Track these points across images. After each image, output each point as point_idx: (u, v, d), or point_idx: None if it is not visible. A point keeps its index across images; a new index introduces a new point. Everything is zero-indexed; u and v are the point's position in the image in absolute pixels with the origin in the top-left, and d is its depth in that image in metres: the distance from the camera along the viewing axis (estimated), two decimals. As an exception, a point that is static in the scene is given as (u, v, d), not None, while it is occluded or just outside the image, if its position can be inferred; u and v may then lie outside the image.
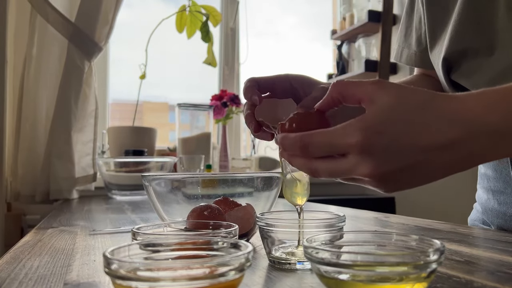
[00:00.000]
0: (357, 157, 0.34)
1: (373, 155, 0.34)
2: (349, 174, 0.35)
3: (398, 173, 0.35)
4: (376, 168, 0.34)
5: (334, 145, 0.35)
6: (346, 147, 0.34)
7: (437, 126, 0.34)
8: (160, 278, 0.25)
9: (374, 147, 0.33)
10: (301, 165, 0.38)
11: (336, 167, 0.36)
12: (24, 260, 0.42)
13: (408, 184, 0.36)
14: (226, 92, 1.58)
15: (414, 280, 0.27)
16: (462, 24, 0.58)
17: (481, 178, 0.69)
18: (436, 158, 0.34)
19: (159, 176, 0.53)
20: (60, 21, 1.20)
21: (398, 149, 0.34)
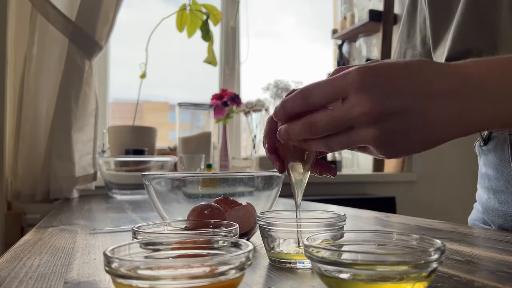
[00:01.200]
0: (355, 96, 0.34)
1: (371, 93, 0.34)
2: (347, 118, 0.35)
3: (395, 117, 0.34)
4: (373, 106, 0.34)
5: (335, 86, 0.36)
6: (346, 88, 0.35)
7: (435, 76, 0.35)
8: (160, 277, 0.25)
9: (372, 86, 0.34)
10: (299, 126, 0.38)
11: (334, 113, 0.36)
12: (24, 259, 0.42)
13: (407, 137, 0.36)
14: (226, 92, 1.58)
15: (415, 280, 0.27)
16: (465, 24, 0.57)
17: (481, 177, 0.69)
18: (434, 106, 0.35)
19: (160, 175, 0.53)
20: (60, 20, 1.20)
21: (395, 91, 0.34)
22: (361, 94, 0.34)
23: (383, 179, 1.79)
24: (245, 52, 1.84)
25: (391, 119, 0.34)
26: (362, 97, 0.34)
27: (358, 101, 0.34)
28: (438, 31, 0.63)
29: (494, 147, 0.63)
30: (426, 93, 0.35)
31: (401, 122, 0.35)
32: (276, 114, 0.40)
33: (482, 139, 0.67)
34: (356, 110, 0.34)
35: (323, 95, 0.37)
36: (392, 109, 0.34)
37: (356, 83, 0.34)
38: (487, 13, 0.56)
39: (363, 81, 0.34)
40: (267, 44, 2.06)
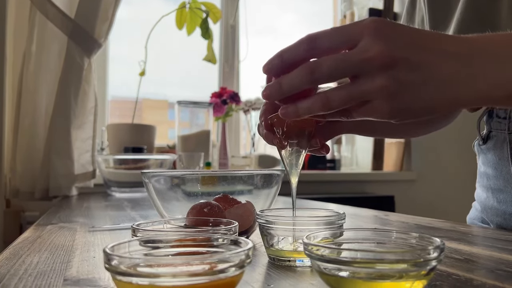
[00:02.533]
0: (368, 40, 0.33)
1: (384, 40, 0.34)
2: (356, 59, 0.34)
3: (405, 67, 0.34)
4: (385, 50, 0.33)
5: (347, 31, 0.34)
6: (359, 33, 0.34)
7: (445, 38, 0.36)
8: (160, 274, 0.25)
9: (386, 35, 0.34)
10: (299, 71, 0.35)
11: (344, 55, 0.34)
12: (23, 256, 0.42)
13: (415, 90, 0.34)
14: (226, 90, 1.58)
15: (414, 278, 0.27)
16: (465, 23, 0.57)
17: (480, 176, 0.69)
18: (441, 64, 0.34)
19: (159, 173, 0.53)
20: (59, 17, 1.20)
21: (408, 42, 0.34)
22: (374, 39, 0.33)
23: (382, 178, 1.80)
24: (244, 50, 1.84)
25: (401, 68, 0.34)
26: (374, 42, 0.33)
27: (370, 45, 0.33)
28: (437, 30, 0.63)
29: (493, 146, 0.63)
30: (437, 49, 0.35)
31: (410, 73, 0.34)
32: (270, 62, 0.37)
33: (481, 138, 0.67)
34: (367, 52, 0.33)
35: (332, 39, 0.35)
36: (403, 58, 0.34)
37: (370, 29, 0.34)
38: (487, 12, 0.56)
39: (377, 28, 0.34)
40: (267, 42, 2.06)
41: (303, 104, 0.37)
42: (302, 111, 0.37)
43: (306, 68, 0.35)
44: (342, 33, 0.35)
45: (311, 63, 0.35)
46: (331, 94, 0.35)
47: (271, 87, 0.37)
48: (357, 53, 0.34)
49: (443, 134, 1.95)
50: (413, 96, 0.35)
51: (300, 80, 0.35)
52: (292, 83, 0.36)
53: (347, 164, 1.95)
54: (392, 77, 0.34)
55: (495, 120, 0.63)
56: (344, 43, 0.35)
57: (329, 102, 0.35)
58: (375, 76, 0.34)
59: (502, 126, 0.61)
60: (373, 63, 0.33)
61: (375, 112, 0.36)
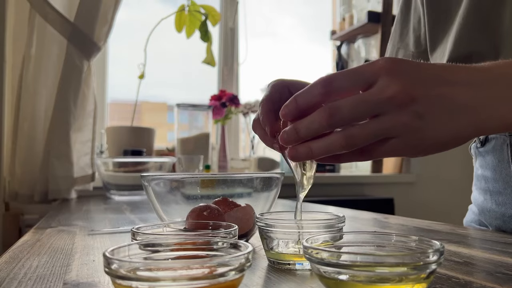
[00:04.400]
0: (386, 79, 0.33)
1: (402, 76, 0.34)
2: (377, 99, 0.33)
3: (425, 102, 0.34)
4: (406, 87, 0.33)
5: (363, 71, 0.34)
6: (375, 72, 0.33)
7: (457, 70, 0.36)
8: (160, 278, 0.25)
9: (403, 71, 0.34)
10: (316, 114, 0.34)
11: (362, 95, 0.34)
12: (23, 260, 0.42)
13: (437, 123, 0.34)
14: (225, 92, 1.58)
15: (414, 281, 0.27)
16: (467, 27, 0.57)
17: (477, 179, 0.69)
18: (462, 94, 0.34)
19: (158, 176, 0.53)
20: (59, 20, 1.20)
21: (425, 77, 0.34)
22: (391, 78, 0.33)
23: (382, 180, 1.80)
24: (243, 53, 1.84)
25: (421, 103, 0.34)
26: (392, 81, 0.33)
27: (388, 84, 0.33)
28: (436, 33, 0.63)
29: (492, 148, 0.63)
30: (453, 80, 0.35)
31: (431, 107, 0.34)
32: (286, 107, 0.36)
33: (479, 141, 0.67)
34: (386, 92, 0.33)
35: (348, 80, 0.34)
36: (422, 93, 0.34)
37: (386, 69, 0.34)
38: (490, 17, 0.56)
39: (392, 68, 0.34)
40: (266, 45, 2.06)
41: (318, 144, 0.35)
42: (317, 152, 0.35)
43: (325, 112, 0.34)
44: (358, 74, 0.35)
45: (329, 107, 0.34)
46: (353, 131, 0.34)
47: (288, 134, 0.36)
48: (376, 93, 0.33)
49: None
50: (437, 129, 0.34)
51: (318, 125, 0.34)
52: (310, 127, 0.35)
53: (347, 167, 1.95)
54: (413, 113, 0.33)
55: None
56: (360, 84, 0.34)
57: (351, 139, 0.34)
58: (396, 113, 0.33)
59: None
60: (393, 102, 0.33)
61: (399, 149, 0.35)
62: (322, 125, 0.34)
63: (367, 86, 0.34)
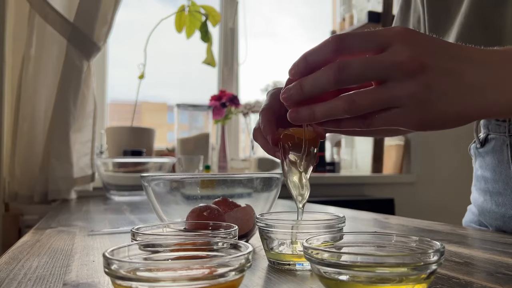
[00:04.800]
0: (399, 46, 0.33)
1: (415, 46, 0.33)
2: (387, 63, 0.33)
3: (435, 74, 0.33)
4: (417, 56, 0.33)
5: (378, 34, 0.33)
6: (390, 38, 0.33)
7: (472, 49, 0.36)
8: (160, 279, 0.25)
9: (417, 41, 0.33)
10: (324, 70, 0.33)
11: (373, 57, 0.33)
12: (23, 260, 0.42)
13: (443, 98, 0.33)
14: (225, 93, 1.58)
15: (414, 281, 0.27)
16: (469, 27, 0.57)
17: (477, 180, 0.69)
18: (470, 71, 0.34)
19: (158, 176, 0.53)
20: (58, 20, 1.20)
21: (438, 51, 0.34)
22: (405, 44, 0.33)
23: (382, 181, 1.80)
24: (243, 53, 1.84)
25: (430, 75, 0.33)
26: (405, 47, 0.33)
27: (402, 50, 0.33)
28: (436, 32, 0.63)
29: (492, 149, 0.63)
30: (464, 57, 0.35)
31: (439, 80, 0.33)
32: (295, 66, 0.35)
33: (478, 141, 0.67)
34: (398, 57, 0.33)
35: (361, 41, 0.34)
36: (433, 65, 0.33)
37: (401, 35, 0.33)
38: (491, 17, 0.56)
39: (408, 35, 0.33)
40: (266, 45, 2.06)
41: (321, 107, 0.35)
42: (320, 115, 0.35)
43: (333, 68, 0.33)
44: (372, 36, 0.34)
45: (338, 63, 0.33)
46: (358, 96, 0.34)
47: (291, 89, 0.35)
48: (388, 56, 0.33)
49: (442, 137, 1.95)
50: (443, 104, 0.34)
51: (325, 80, 0.34)
52: (316, 83, 0.34)
53: (347, 167, 1.95)
54: (422, 83, 0.33)
55: (494, 123, 0.63)
56: (373, 46, 0.34)
57: (355, 104, 0.33)
58: (405, 81, 0.33)
59: (501, 129, 0.61)
60: (404, 68, 0.33)
61: (402, 120, 0.34)
62: (329, 81, 0.33)
63: (380, 50, 0.34)
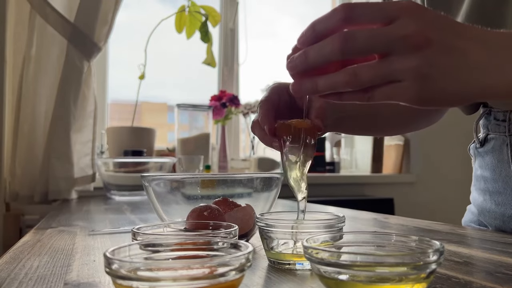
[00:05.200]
0: (406, 19, 0.33)
1: (422, 20, 0.33)
2: (392, 35, 0.33)
3: (440, 50, 0.33)
4: (423, 30, 0.33)
5: (384, 7, 0.33)
6: (397, 10, 0.33)
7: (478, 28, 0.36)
8: (160, 278, 0.25)
9: (425, 16, 0.34)
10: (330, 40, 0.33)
11: (380, 29, 0.33)
12: (24, 260, 0.42)
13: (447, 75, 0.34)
14: (225, 93, 1.59)
15: (414, 281, 0.27)
16: None
17: (476, 180, 0.69)
18: (475, 50, 0.34)
19: (159, 176, 0.53)
20: (59, 21, 1.20)
21: (445, 27, 0.34)
22: (412, 18, 0.33)
23: (382, 181, 1.80)
24: (244, 54, 1.84)
25: (435, 50, 0.33)
26: (412, 21, 0.33)
27: (408, 23, 0.33)
28: None
29: (491, 148, 0.64)
30: (470, 36, 0.35)
31: (443, 56, 0.33)
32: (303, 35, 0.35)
33: (478, 141, 0.67)
34: (404, 30, 0.33)
35: (370, 11, 0.34)
36: (438, 40, 0.33)
37: (408, 9, 0.33)
38: (493, 16, 0.56)
39: (415, 10, 0.34)
40: (266, 45, 2.06)
41: (323, 79, 0.35)
42: (322, 87, 0.35)
43: (339, 38, 0.33)
44: (380, 8, 0.34)
45: (344, 33, 0.33)
46: (360, 69, 0.34)
47: (297, 58, 0.35)
48: (394, 29, 0.33)
49: (442, 137, 1.95)
50: (445, 80, 0.34)
51: (330, 50, 0.34)
52: (321, 53, 0.34)
53: (347, 167, 1.95)
54: (425, 58, 0.33)
55: (493, 123, 0.63)
56: (380, 18, 0.34)
57: (357, 77, 0.34)
58: (408, 55, 0.33)
59: (501, 129, 0.62)
60: (409, 41, 0.33)
61: (402, 94, 0.34)
62: (334, 51, 0.33)
63: (387, 22, 0.34)
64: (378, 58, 0.35)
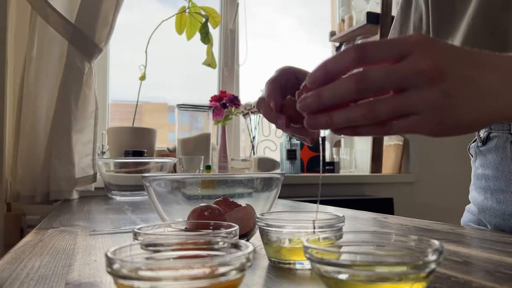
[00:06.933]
0: (420, 53, 0.33)
1: (436, 53, 0.34)
2: (409, 72, 0.33)
3: (454, 79, 0.34)
4: (439, 63, 0.33)
5: (398, 43, 0.34)
6: (410, 45, 0.33)
7: (488, 54, 0.36)
8: (161, 278, 0.25)
9: (438, 48, 0.34)
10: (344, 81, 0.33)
11: (394, 67, 0.33)
12: (25, 260, 0.42)
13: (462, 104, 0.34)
14: (225, 93, 1.59)
15: (413, 280, 0.27)
16: (476, 28, 0.57)
17: (477, 178, 0.69)
18: (489, 78, 0.35)
19: (160, 176, 0.53)
20: (60, 22, 1.21)
21: (458, 58, 0.34)
22: (425, 53, 0.33)
23: (381, 180, 1.80)
24: (243, 54, 1.84)
25: (450, 83, 0.33)
26: (425, 56, 0.33)
27: (421, 59, 0.33)
28: (440, 31, 0.64)
29: (494, 146, 0.64)
30: (482, 64, 0.35)
31: (459, 87, 0.34)
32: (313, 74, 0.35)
33: (480, 140, 0.67)
34: (418, 65, 0.33)
35: (382, 50, 0.34)
36: (452, 73, 0.34)
37: (419, 44, 0.33)
38: (499, 20, 0.56)
39: (426, 44, 0.34)
40: (266, 46, 2.06)
41: (339, 114, 0.35)
42: (338, 121, 0.35)
43: (354, 78, 0.33)
44: (392, 45, 0.34)
45: (359, 73, 0.34)
46: (377, 103, 0.34)
47: (309, 98, 0.35)
48: (408, 65, 0.33)
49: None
50: (462, 110, 0.34)
51: (345, 90, 0.34)
52: (336, 93, 0.34)
53: (346, 167, 1.95)
54: (441, 91, 0.33)
55: None
56: (393, 55, 0.34)
57: (374, 112, 0.34)
58: (424, 89, 0.33)
59: (504, 127, 0.62)
60: (424, 77, 0.33)
61: (421, 126, 0.34)
62: (350, 91, 0.34)
63: (399, 59, 0.34)
64: (394, 92, 0.35)
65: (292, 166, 1.69)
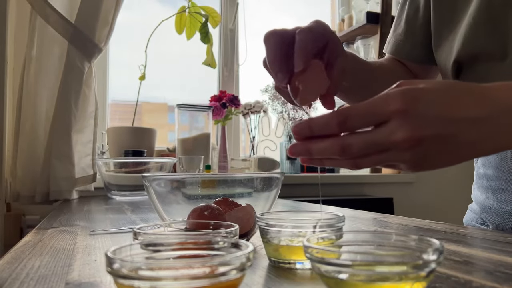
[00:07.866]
0: (397, 121, 0.35)
1: (412, 119, 0.35)
2: (387, 142, 0.35)
3: (430, 142, 0.35)
4: (415, 132, 0.35)
5: (376, 113, 0.36)
6: (388, 113, 0.35)
7: (467, 100, 0.36)
8: (161, 277, 0.25)
9: (414, 112, 0.35)
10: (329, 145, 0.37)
11: (374, 136, 0.36)
12: (25, 260, 0.42)
13: (437, 158, 0.37)
14: (225, 93, 1.59)
15: (413, 280, 0.27)
16: (476, 27, 0.58)
17: (479, 178, 0.69)
18: (465, 132, 0.36)
19: (160, 176, 0.53)
20: (60, 22, 1.21)
21: (432, 117, 0.35)
22: (402, 122, 0.35)
23: (381, 180, 1.80)
24: (243, 54, 1.84)
25: (427, 144, 0.35)
26: (402, 126, 0.35)
27: (398, 129, 0.35)
28: (441, 30, 0.64)
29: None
30: (459, 118, 0.36)
31: (434, 146, 0.36)
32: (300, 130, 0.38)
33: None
34: (398, 136, 0.35)
35: (363, 120, 0.36)
36: (430, 135, 0.35)
37: (398, 111, 0.35)
38: (500, 18, 0.56)
39: (405, 109, 0.35)
40: (266, 45, 2.06)
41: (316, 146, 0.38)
42: (315, 153, 0.38)
43: (337, 146, 0.37)
44: (371, 115, 0.36)
45: (342, 143, 0.37)
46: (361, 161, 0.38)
47: (301, 152, 0.39)
48: (385, 136, 0.35)
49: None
50: (436, 161, 0.37)
51: (331, 153, 0.38)
52: (323, 153, 0.38)
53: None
54: (418, 153, 0.36)
55: None
56: (372, 124, 0.36)
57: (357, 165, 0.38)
58: (402, 152, 0.36)
59: None
60: (401, 146, 0.35)
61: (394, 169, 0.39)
62: (333, 154, 0.37)
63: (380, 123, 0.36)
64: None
65: (292, 166, 1.69)
